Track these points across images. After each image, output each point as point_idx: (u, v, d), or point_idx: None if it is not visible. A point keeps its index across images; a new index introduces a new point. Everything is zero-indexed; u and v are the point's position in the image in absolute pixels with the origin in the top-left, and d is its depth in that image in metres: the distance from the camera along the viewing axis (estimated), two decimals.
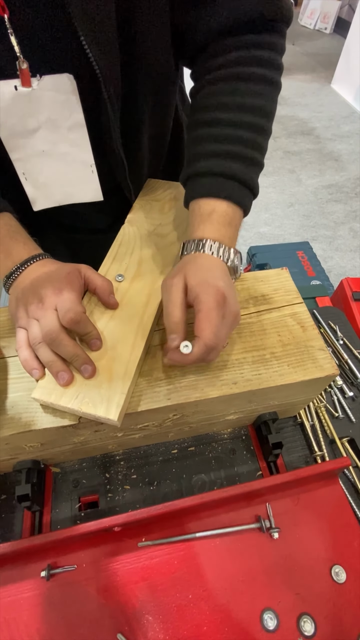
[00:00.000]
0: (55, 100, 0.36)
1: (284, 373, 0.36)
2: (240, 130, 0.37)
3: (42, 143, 0.39)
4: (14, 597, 0.35)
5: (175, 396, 0.35)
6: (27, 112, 0.36)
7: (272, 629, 0.33)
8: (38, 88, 0.34)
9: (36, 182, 0.43)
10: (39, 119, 0.37)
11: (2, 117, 0.35)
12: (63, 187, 0.45)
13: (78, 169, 0.43)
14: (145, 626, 0.33)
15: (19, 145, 0.39)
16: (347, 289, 1.30)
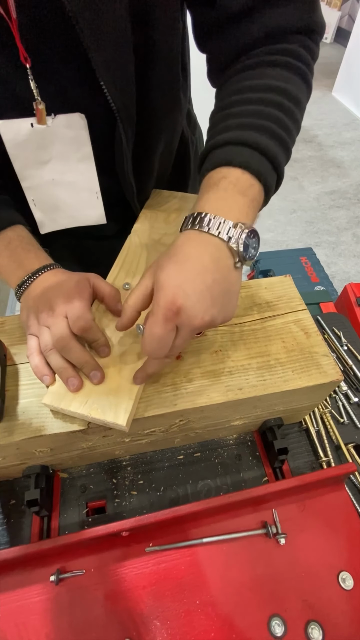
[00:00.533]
0: (67, 135, 0.39)
1: (289, 379, 0.37)
2: (262, 105, 0.33)
3: (52, 173, 0.42)
4: (23, 601, 0.35)
5: (181, 402, 0.35)
6: (41, 146, 0.39)
7: (280, 635, 0.33)
8: (52, 125, 0.37)
9: (44, 208, 0.45)
10: (50, 152, 0.40)
11: (18, 151, 0.38)
12: (69, 212, 0.47)
13: (84, 196, 0.46)
14: (153, 631, 0.33)
15: (31, 175, 0.41)
16: (350, 294, 1.31)
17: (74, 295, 0.35)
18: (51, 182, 0.43)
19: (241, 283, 0.33)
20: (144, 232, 0.49)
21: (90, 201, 0.46)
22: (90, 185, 0.45)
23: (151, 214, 0.52)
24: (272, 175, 0.33)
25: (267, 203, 0.35)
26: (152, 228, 0.50)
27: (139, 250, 0.46)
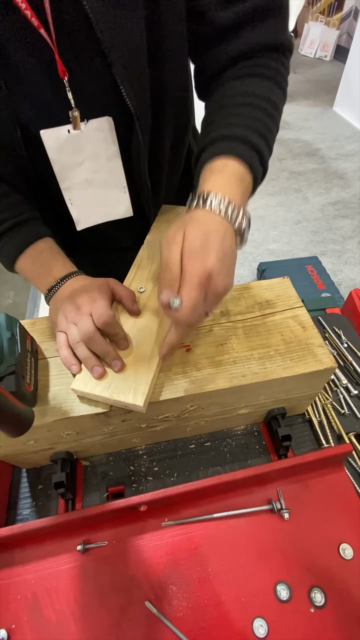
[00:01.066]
0: (97, 137, 0.44)
1: (287, 367, 0.41)
2: (249, 109, 0.39)
3: (86, 173, 0.47)
4: (53, 568, 0.39)
5: (191, 388, 0.40)
6: (76, 149, 0.44)
7: (286, 599, 0.36)
8: (86, 130, 0.42)
9: (80, 206, 0.50)
10: (84, 154, 0.45)
11: (57, 155, 0.44)
12: (102, 208, 0.53)
13: (114, 191, 0.51)
14: (170, 595, 0.37)
15: (68, 176, 0.47)
16: (356, 299, 1.33)
17: (96, 296, 0.41)
18: (85, 182, 0.48)
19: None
20: (155, 243, 0.55)
21: (119, 196, 0.51)
22: (118, 181, 0.50)
23: (162, 227, 0.58)
24: (259, 168, 0.39)
25: (254, 194, 0.40)
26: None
27: (151, 259, 0.52)
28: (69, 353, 0.40)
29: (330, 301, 1.43)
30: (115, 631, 0.35)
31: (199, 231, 0.32)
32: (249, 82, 0.42)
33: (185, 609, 0.36)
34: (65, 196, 0.49)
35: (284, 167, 2.72)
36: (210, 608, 0.36)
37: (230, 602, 0.36)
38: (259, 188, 0.41)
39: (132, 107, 0.40)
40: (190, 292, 0.31)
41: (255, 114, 0.39)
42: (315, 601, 0.36)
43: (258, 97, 0.40)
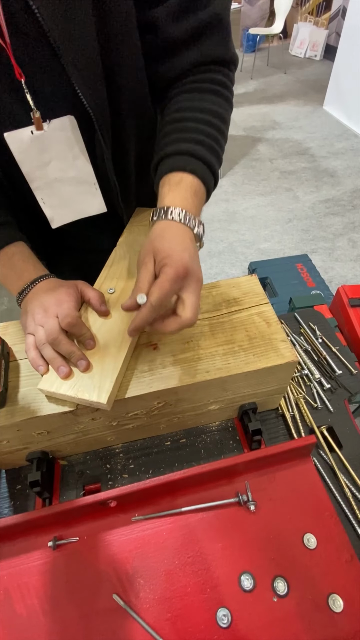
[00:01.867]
0: (61, 137, 0.45)
1: (250, 362, 0.42)
2: (201, 125, 0.43)
3: (55, 172, 0.48)
4: (25, 565, 0.40)
5: (156, 384, 0.41)
6: (42, 149, 0.45)
7: (249, 589, 0.37)
8: (48, 130, 0.43)
9: (52, 204, 0.52)
10: (50, 153, 0.46)
11: (23, 156, 0.45)
12: (74, 205, 0.54)
13: (84, 188, 0.53)
14: (137, 588, 0.38)
15: (37, 176, 0.48)
16: (343, 296, 1.34)
17: (63, 298, 0.42)
18: (55, 180, 0.49)
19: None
20: (127, 245, 0.56)
21: (90, 192, 0.53)
22: (88, 178, 0.51)
23: (135, 229, 0.59)
24: (211, 180, 0.43)
25: (208, 200, 0.45)
26: (135, 241, 0.57)
27: (122, 260, 0.53)
28: (36, 354, 0.41)
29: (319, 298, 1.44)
30: (84, 623, 0.36)
31: (169, 239, 0.37)
32: (199, 97, 0.45)
33: (152, 601, 0.37)
34: (37, 195, 0.50)
35: (274, 167, 2.73)
36: (175, 599, 0.37)
37: (196, 593, 0.37)
38: (250, 188, 0.46)
39: (89, 106, 0.42)
40: (163, 281, 0.34)
41: (207, 130, 0.43)
42: (278, 590, 0.37)
43: (208, 112, 0.44)
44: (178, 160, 0.42)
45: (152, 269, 0.37)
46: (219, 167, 0.45)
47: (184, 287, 0.36)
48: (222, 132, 0.45)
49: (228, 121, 0.47)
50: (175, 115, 0.45)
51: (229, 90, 0.48)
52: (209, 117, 0.44)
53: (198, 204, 0.41)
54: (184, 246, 0.37)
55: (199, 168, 0.41)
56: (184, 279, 0.35)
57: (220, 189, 2.56)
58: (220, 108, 0.46)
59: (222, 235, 2.18)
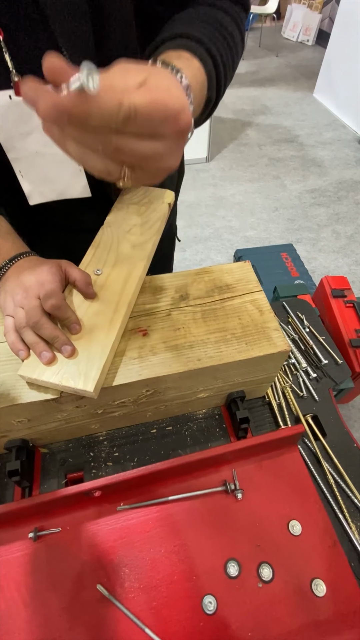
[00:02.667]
0: None
1: (242, 350, 0.41)
2: (221, 37, 0.38)
3: (36, 145, 0.44)
4: (4, 557, 0.38)
5: (146, 372, 0.39)
6: (21, 118, 0.41)
7: (235, 575, 0.37)
8: None
9: (31, 179, 0.47)
10: (31, 124, 0.42)
11: (1, 122, 0.40)
12: (55, 185, 0.49)
13: (68, 168, 0.48)
14: (122, 577, 0.37)
15: (15, 147, 0.43)
16: (326, 286, 1.37)
17: (46, 278, 0.39)
18: (36, 154, 0.44)
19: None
20: (115, 223, 0.52)
21: (74, 173, 0.48)
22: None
23: (123, 207, 0.55)
24: (213, 91, 0.36)
25: (198, 125, 0.36)
26: (124, 220, 0.53)
27: (109, 240, 0.50)
28: (16, 338, 0.38)
29: (302, 288, 1.45)
30: (67, 615, 0.35)
31: (165, 78, 0.27)
32: (217, 13, 0.40)
33: (137, 590, 0.37)
34: (15, 167, 0.45)
35: (263, 153, 2.70)
36: (161, 588, 0.37)
37: (181, 581, 0.37)
38: (238, 174, 0.39)
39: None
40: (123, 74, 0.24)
41: (222, 41, 0.37)
42: (263, 576, 0.37)
43: (225, 29, 0.39)
44: (189, 43, 0.34)
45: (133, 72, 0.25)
46: (226, 81, 0.39)
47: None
48: (237, 53, 0.40)
49: (240, 52, 0.42)
50: (183, 19, 0.39)
51: (241, 28, 0.42)
52: (225, 32, 0.38)
53: (195, 72, 0.32)
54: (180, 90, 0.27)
55: (209, 67, 0.34)
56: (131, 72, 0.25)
57: (208, 173, 2.51)
58: (235, 34, 0.40)
59: (209, 220, 2.15)
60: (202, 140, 2.47)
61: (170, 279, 0.49)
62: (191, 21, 0.38)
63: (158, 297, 0.47)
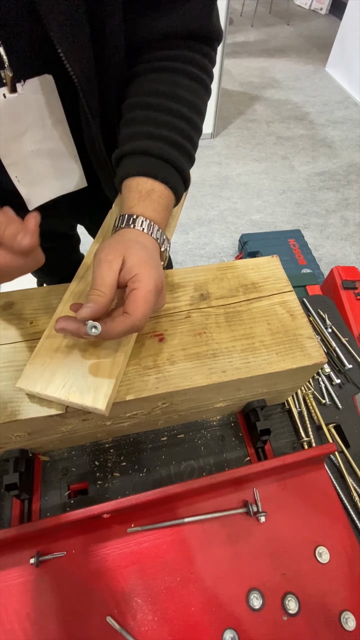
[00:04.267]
0: (39, 101, 0.37)
1: (273, 361, 0.36)
2: (176, 119, 0.37)
3: (31, 143, 0.40)
4: (3, 583, 0.35)
5: (164, 385, 0.34)
6: (16, 117, 0.37)
7: (258, 607, 0.34)
8: (23, 92, 0.35)
9: (28, 182, 0.44)
10: (26, 121, 0.38)
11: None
12: (52, 181, 0.46)
13: (64, 161, 0.45)
14: (135, 608, 0.34)
15: (11, 151, 0.40)
16: (337, 277, 1.31)
17: None
18: (31, 154, 0.42)
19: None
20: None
21: (70, 165, 0.46)
22: (68, 150, 0.44)
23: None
24: (182, 189, 0.38)
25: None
26: None
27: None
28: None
29: (311, 278, 1.39)
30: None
31: (143, 248, 0.32)
32: (174, 80, 0.38)
33: (151, 623, 0.33)
34: (11, 173, 0.41)
35: (271, 130, 2.56)
36: (177, 620, 0.33)
37: (200, 613, 0.34)
38: (244, 152, 0.38)
39: (73, 71, 0.33)
40: (147, 295, 0.29)
41: (181, 127, 0.37)
42: (288, 609, 0.34)
43: (184, 102, 0.38)
44: (149, 163, 0.36)
45: (116, 270, 0.30)
46: (189, 168, 0.39)
47: None
48: (197, 128, 0.39)
49: (204, 112, 0.41)
50: (147, 100, 0.38)
51: (208, 75, 0.41)
52: (184, 109, 0.37)
53: (167, 217, 0.37)
54: (157, 262, 0.32)
55: (172, 177, 0.36)
56: (159, 293, 0.31)
57: (213, 150, 2.38)
58: (197, 98, 0.39)
59: (213, 201, 2.05)
60: (209, 114, 2.32)
61: (188, 274, 0.43)
62: (148, 120, 0.37)
63: (175, 295, 0.41)
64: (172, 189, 0.36)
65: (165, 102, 0.37)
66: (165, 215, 0.36)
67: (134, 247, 0.31)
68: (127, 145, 0.37)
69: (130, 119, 0.38)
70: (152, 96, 0.38)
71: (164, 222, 0.36)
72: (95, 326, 0.28)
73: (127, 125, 0.38)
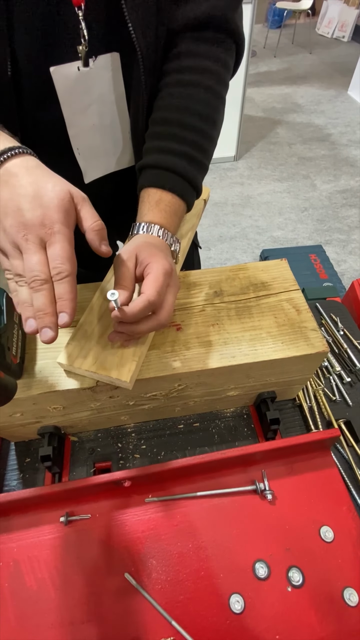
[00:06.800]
0: (105, 76, 0.42)
1: (278, 349, 0.40)
2: (187, 132, 0.41)
3: (93, 117, 0.45)
4: (36, 538, 0.40)
5: (179, 366, 0.39)
6: (85, 90, 0.42)
7: (264, 577, 0.37)
8: (94, 67, 0.40)
9: (87, 155, 0.48)
10: (92, 95, 0.43)
11: (67, 96, 0.41)
12: (107, 157, 0.51)
13: (119, 137, 0.49)
14: (150, 568, 0.37)
15: (76, 122, 0.44)
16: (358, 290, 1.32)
17: (56, 220, 0.28)
18: (92, 127, 0.46)
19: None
20: None
21: (125, 142, 0.51)
22: (123, 127, 0.49)
23: None
24: (192, 194, 0.42)
25: (190, 209, 0.44)
26: None
27: None
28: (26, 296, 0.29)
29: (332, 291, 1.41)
30: (94, 600, 0.36)
31: (152, 244, 0.36)
32: (190, 94, 0.42)
33: (164, 582, 0.37)
34: (73, 145, 0.46)
35: (293, 152, 2.64)
36: (188, 582, 0.37)
37: (209, 577, 0.37)
38: (266, 173, 0.50)
39: (138, 44, 0.38)
40: (157, 276, 0.33)
41: (192, 138, 0.41)
42: (292, 580, 0.36)
43: (198, 115, 0.42)
44: (158, 175, 0.41)
45: (132, 267, 0.35)
46: (202, 177, 0.44)
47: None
48: (210, 137, 0.43)
49: (217, 122, 0.44)
50: (163, 115, 0.43)
51: (223, 84, 0.44)
52: (196, 121, 0.42)
53: (177, 221, 0.41)
54: (165, 254, 0.36)
55: (179, 185, 0.41)
56: (170, 276, 0.34)
57: (236, 172, 2.48)
58: (210, 108, 0.43)
59: (235, 219, 2.13)
60: (231, 138, 2.45)
61: (204, 274, 0.49)
62: (162, 135, 0.42)
63: (192, 292, 0.47)
64: (180, 196, 0.41)
65: (179, 116, 0.41)
66: (174, 219, 0.40)
67: (143, 246, 0.36)
68: (143, 160, 0.42)
69: (149, 134, 0.43)
70: (167, 111, 0.42)
71: (172, 225, 0.40)
72: (114, 293, 0.30)
73: (147, 140, 0.43)
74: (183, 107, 0.42)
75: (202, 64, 0.42)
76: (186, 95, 0.42)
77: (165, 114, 0.42)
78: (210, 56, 0.42)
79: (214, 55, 0.42)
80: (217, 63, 0.43)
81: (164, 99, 0.43)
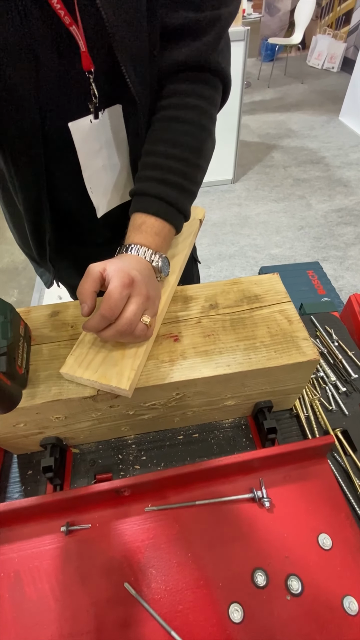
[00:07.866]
0: (112, 125, 0.49)
1: (272, 358, 0.42)
2: (171, 161, 0.45)
3: (103, 159, 0.51)
4: (37, 548, 0.40)
5: (177, 375, 0.41)
6: (96, 137, 0.48)
7: (262, 585, 0.37)
8: (102, 118, 0.47)
9: (99, 192, 0.55)
10: (101, 141, 0.49)
11: (82, 144, 0.48)
12: (116, 192, 0.58)
13: (124, 175, 0.56)
14: (149, 578, 0.38)
15: (89, 165, 0.50)
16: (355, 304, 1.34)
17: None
18: (102, 168, 0.52)
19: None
20: None
21: (128, 178, 0.57)
22: (126, 164, 0.55)
23: None
24: (177, 216, 0.45)
25: (181, 230, 0.48)
26: None
27: None
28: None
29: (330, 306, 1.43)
30: (94, 610, 0.36)
31: (121, 259, 0.40)
32: (175, 129, 0.46)
33: (163, 592, 0.37)
34: (87, 185, 0.53)
35: (288, 174, 2.74)
36: (187, 592, 0.37)
37: (208, 586, 0.37)
38: (263, 194, 0.62)
39: (137, 96, 0.44)
40: (110, 290, 0.36)
41: (175, 167, 0.45)
42: (291, 589, 0.36)
43: (181, 146, 0.46)
44: (142, 201, 0.44)
45: (93, 284, 0.37)
46: (189, 200, 0.47)
47: (129, 297, 0.37)
48: (195, 164, 0.47)
49: (205, 149, 0.48)
50: (151, 148, 0.47)
51: (208, 118, 0.48)
52: (181, 152, 0.45)
53: (159, 241, 0.44)
54: (135, 266, 0.39)
55: (163, 210, 0.44)
56: (129, 287, 0.37)
57: (234, 194, 2.57)
58: (195, 140, 0.47)
59: (233, 238, 2.19)
60: (228, 162, 2.55)
61: (200, 289, 0.51)
62: (148, 165, 0.46)
63: (189, 305, 0.49)
64: (165, 219, 0.44)
65: (164, 148, 0.45)
66: (155, 239, 0.43)
67: (113, 261, 0.39)
68: (132, 188, 0.47)
69: (139, 164, 0.48)
70: (154, 144, 0.47)
71: (155, 243, 0.43)
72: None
73: (138, 170, 0.48)
74: (167, 140, 0.46)
75: (185, 101, 0.47)
76: (171, 129, 0.47)
77: (152, 147, 0.47)
78: (192, 93, 0.47)
79: (197, 92, 0.47)
80: (200, 99, 0.47)
81: (152, 133, 0.48)
